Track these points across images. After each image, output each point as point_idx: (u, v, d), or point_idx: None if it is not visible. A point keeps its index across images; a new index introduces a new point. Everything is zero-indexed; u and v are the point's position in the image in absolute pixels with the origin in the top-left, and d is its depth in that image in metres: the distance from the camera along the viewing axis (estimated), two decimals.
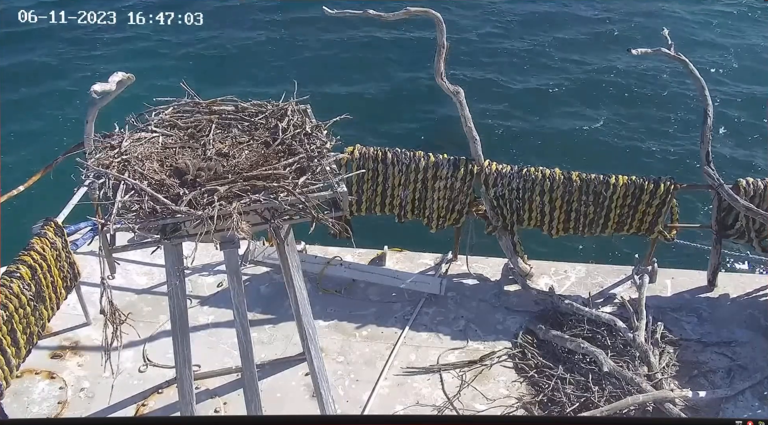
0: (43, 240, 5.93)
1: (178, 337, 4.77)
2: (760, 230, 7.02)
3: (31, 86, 14.65)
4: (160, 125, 4.65)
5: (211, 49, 16.51)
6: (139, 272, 7.53)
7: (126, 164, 4.19)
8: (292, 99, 4.81)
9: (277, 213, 4.20)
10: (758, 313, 7.16)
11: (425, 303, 7.27)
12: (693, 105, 13.92)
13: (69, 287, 6.27)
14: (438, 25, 6.65)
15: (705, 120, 7.03)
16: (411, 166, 7.05)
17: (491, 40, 17.38)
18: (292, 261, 4.89)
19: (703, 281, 7.51)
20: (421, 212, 7.36)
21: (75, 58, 15.71)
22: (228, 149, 4.45)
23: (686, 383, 6.38)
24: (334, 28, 16.91)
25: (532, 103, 14.99)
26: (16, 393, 6.12)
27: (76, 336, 6.76)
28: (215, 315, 7.07)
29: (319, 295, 7.27)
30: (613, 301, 7.31)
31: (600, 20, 18.56)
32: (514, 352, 6.75)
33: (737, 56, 16.86)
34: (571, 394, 6.26)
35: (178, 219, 3.95)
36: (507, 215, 7.20)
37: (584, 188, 6.98)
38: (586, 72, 16.13)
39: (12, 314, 5.45)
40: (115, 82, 6.10)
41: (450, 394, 6.33)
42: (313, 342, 5.25)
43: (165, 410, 6.09)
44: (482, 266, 7.76)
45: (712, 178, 6.94)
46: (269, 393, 6.10)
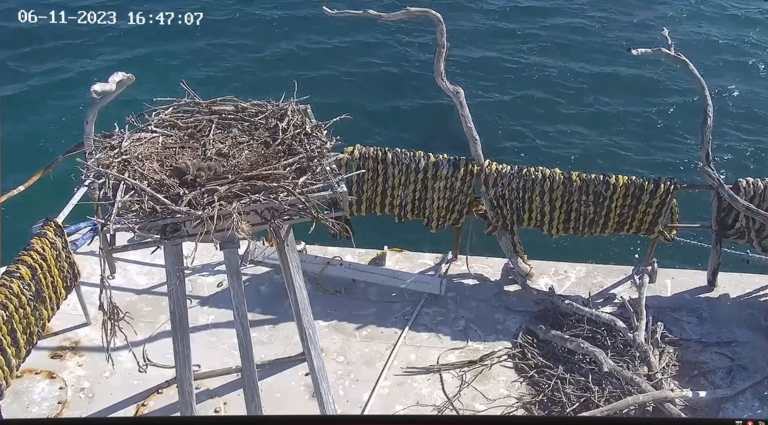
0: (43, 240, 5.92)
1: (178, 337, 4.77)
2: (760, 230, 7.02)
3: (30, 86, 14.63)
4: (160, 125, 4.65)
5: (211, 49, 16.51)
6: (139, 272, 7.52)
7: (126, 164, 4.19)
8: (292, 99, 4.80)
9: (277, 213, 4.20)
10: (758, 313, 7.17)
11: (425, 303, 7.27)
12: (693, 105, 13.91)
13: (69, 287, 6.26)
14: (438, 25, 6.64)
15: (705, 120, 7.03)
16: (411, 166, 7.05)
17: (491, 41, 17.37)
18: (292, 261, 4.89)
19: (703, 281, 7.52)
20: (421, 212, 7.35)
21: (75, 58, 15.69)
22: (228, 149, 4.45)
23: (686, 383, 6.38)
24: (335, 28, 16.91)
25: (532, 104, 14.98)
26: (16, 393, 6.12)
27: (76, 335, 6.76)
28: (215, 315, 7.07)
29: (319, 295, 7.27)
30: (613, 301, 7.31)
31: (600, 20, 18.56)
32: (514, 352, 6.75)
33: (737, 55, 16.87)
34: (571, 394, 6.27)
35: (178, 219, 3.95)
36: (507, 215, 7.20)
37: (584, 188, 6.98)
38: (587, 72, 16.12)
39: (12, 314, 5.45)
40: (115, 82, 6.10)
41: (450, 394, 6.33)
42: (313, 342, 5.24)
43: (165, 410, 6.09)
44: (482, 266, 7.76)
45: (712, 178, 6.94)
46: (269, 393, 6.10)
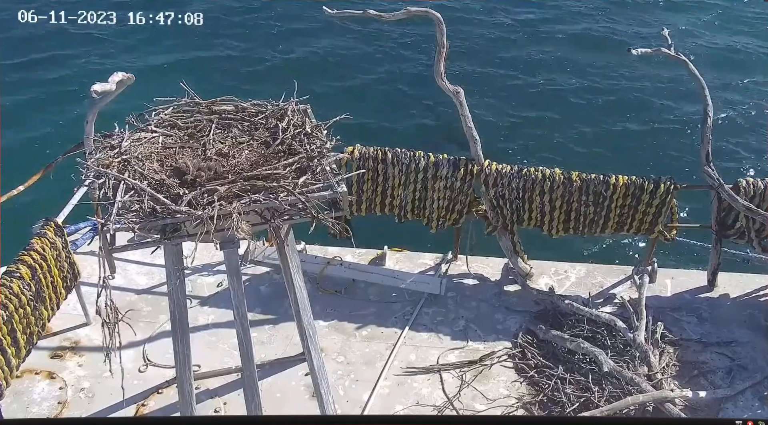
0: (43, 240, 5.92)
1: (178, 337, 4.77)
2: (760, 230, 7.02)
3: (30, 86, 14.63)
4: (160, 125, 4.65)
5: (212, 48, 16.50)
6: (139, 272, 7.52)
7: (126, 164, 4.18)
8: (292, 99, 4.80)
9: (277, 213, 4.20)
10: (758, 313, 7.16)
11: (425, 303, 7.27)
12: (693, 105, 13.91)
13: (69, 287, 6.26)
14: (438, 25, 6.65)
15: (705, 120, 7.03)
16: (411, 166, 7.05)
17: (492, 41, 17.38)
18: (292, 261, 4.88)
19: (703, 281, 7.51)
20: (421, 212, 7.35)
21: (75, 58, 15.69)
22: (228, 149, 4.44)
23: (686, 383, 6.38)
24: (335, 28, 16.90)
25: (532, 104, 14.99)
26: (16, 393, 6.12)
27: (76, 335, 6.76)
28: (215, 315, 7.07)
29: (319, 295, 7.27)
30: (613, 301, 7.30)
31: (600, 20, 18.56)
32: (514, 352, 6.75)
33: (737, 55, 16.87)
34: (571, 394, 6.26)
35: (178, 219, 3.95)
36: (507, 215, 7.20)
37: (584, 188, 6.98)
38: (587, 72, 16.13)
39: (12, 314, 5.44)
40: (115, 82, 6.11)
41: (450, 394, 6.33)
42: (313, 341, 5.24)
43: (165, 410, 6.09)
44: (482, 266, 7.76)
45: (712, 178, 6.94)
46: (269, 393, 6.10)
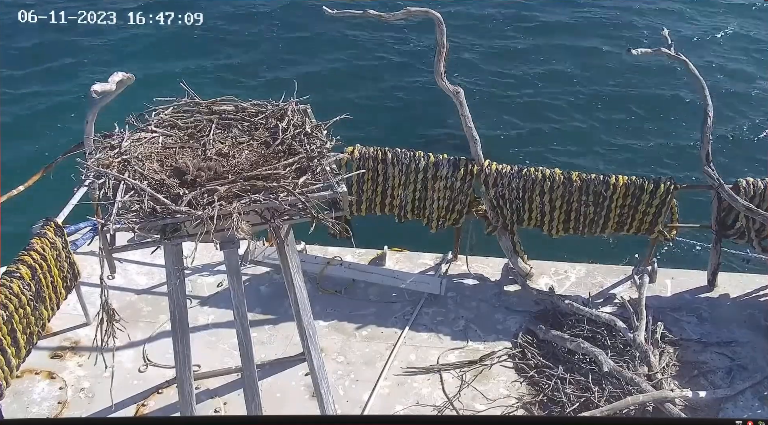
0: (43, 240, 5.92)
1: (178, 337, 4.77)
2: (760, 230, 7.01)
3: (30, 86, 14.64)
4: (160, 125, 4.65)
5: (212, 48, 16.51)
6: (139, 272, 7.52)
7: (126, 164, 4.18)
8: (292, 99, 4.80)
9: (277, 213, 4.20)
10: (758, 313, 7.16)
11: (425, 303, 7.27)
12: (693, 105, 13.92)
13: (69, 287, 6.26)
14: (438, 25, 6.64)
15: (705, 120, 7.03)
16: (411, 166, 7.05)
17: (492, 41, 17.38)
18: (292, 261, 4.88)
19: (703, 281, 7.51)
20: (421, 212, 7.35)
21: (75, 58, 15.70)
22: (228, 149, 4.44)
23: (686, 383, 6.38)
24: (335, 28, 16.91)
25: (532, 103, 14.99)
26: (16, 393, 6.12)
27: (76, 335, 6.76)
28: (215, 315, 7.06)
29: (319, 295, 7.27)
30: (613, 301, 7.30)
31: (600, 20, 18.56)
32: (514, 352, 6.74)
33: (736, 54, 16.87)
34: (571, 394, 6.26)
35: (178, 219, 3.95)
36: (507, 215, 7.20)
37: (584, 188, 6.98)
38: (587, 72, 16.14)
39: (12, 314, 5.44)
40: (115, 82, 6.11)
41: (450, 394, 6.33)
42: (313, 341, 5.24)
43: (165, 410, 6.09)
44: (482, 266, 7.76)
45: (712, 178, 6.93)
46: (269, 393, 6.10)
